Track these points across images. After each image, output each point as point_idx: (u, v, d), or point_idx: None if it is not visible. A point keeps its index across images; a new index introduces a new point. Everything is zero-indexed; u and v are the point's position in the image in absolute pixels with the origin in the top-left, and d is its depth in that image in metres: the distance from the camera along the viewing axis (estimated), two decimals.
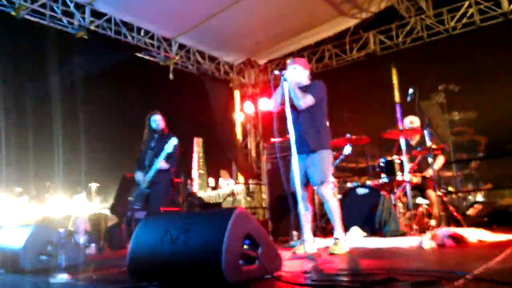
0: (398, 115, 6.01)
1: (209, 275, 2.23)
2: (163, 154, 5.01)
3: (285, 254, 3.52)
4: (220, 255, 2.17)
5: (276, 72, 3.92)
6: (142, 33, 8.51)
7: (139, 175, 5.25)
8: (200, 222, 2.49)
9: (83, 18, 7.50)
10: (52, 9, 7.17)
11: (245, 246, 2.40)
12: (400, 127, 5.05)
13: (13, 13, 6.71)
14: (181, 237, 2.45)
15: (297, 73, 4.03)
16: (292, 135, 3.74)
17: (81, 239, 6.20)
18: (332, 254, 3.64)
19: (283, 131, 4.33)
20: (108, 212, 8.88)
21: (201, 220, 2.53)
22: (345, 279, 2.33)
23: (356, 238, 4.60)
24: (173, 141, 4.97)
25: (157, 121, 5.31)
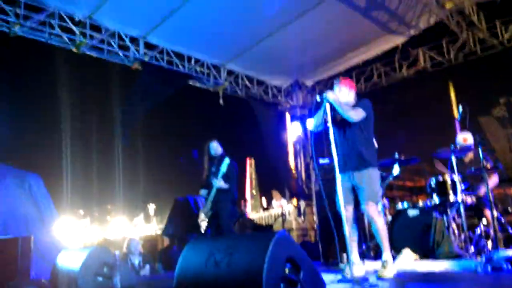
0: (458, 131, 5.85)
1: None
2: (220, 174, 5.43)
3: (333, 277, 3.50)
4: (261, 279, 2.22)
5: (318, 98, 3.90)
6: (192, 61, 8.88)
7: (203, 192, 5.70)
8: (243, 246, 2.55)
9: (137, 51, 7.96)
10: (109, 44, 7.68)
11: (287, 270, 2.44)
12: (451, 146, 4.90)
13: (74, 49, 7.26)
14: (225, 260, 2.53)
15: (342, 94, 4.04)
16: (335, 154, 3.71)
17: (136, 260, 6.44)
18: (380, 277, 3.56)
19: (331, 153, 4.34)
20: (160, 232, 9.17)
21: (244, 243, 2.60)
22: None
23: (407, 261, 4.47)
24: (226, 161, 5.42)
25: (215, 147, 5.76)
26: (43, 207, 6.55)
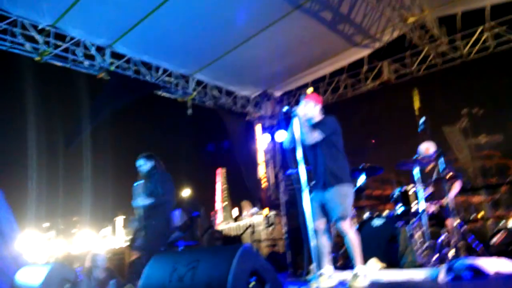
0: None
1: None
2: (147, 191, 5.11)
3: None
4: None
5: (285, 108, 4.00)
6: (160, 71, 8.80)
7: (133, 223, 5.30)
8: (207, 259, 2.53)
9: (104, 60, 7.83)
10: (74, 53, 7.52)
11: (252, 283, 2.43)
12: (414, 156, 5.03)
13: (37, 58, 7.07)
14: (188, 274, 2.49)
15: (308, 109, 4.11)
16: (303, 171, 3.77)
17: (101, 275, 6.26)
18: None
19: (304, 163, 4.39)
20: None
21: (208, 257, 2.57)
22: None
23: (373, 271, 4.53)
24: (156, 176, 5.16)
25: (141, 164, 5.33)
26: (3, 221, 6.30)
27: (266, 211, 10.90)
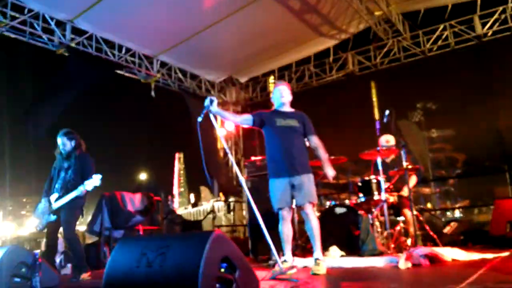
0: (378, 132, 6.13)
1: None
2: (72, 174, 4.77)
3: (264, 274, 3.53)
4: (197, 279, 2.18)
5: (200, 119, 4.05)
6: (123, 50, 8.51)
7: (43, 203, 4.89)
8: (177, 245, 2.49)
9: (64, 36, 7.48)
10: (32, 26, 7.14)
11: (222, 270, 2.41)
12: (377, 148, 5.15)
13: None
14: (158, 260, 2.45)
15: (287, 94, 4.30)
16: (273, 158, 3.81)
17: (57, 259, 6.07)
18: (315, 274, 3.68)
19: (263, 150, 4.43)
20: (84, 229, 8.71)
21: (178, 242, 2.53)
22: None
23: (334, 258, 4.64)
24: (77, 157, 4.82)
25: (63, 142, 4.96)
26: None
27: (226, 197, 10.89)
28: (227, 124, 10.96)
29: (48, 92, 7.70)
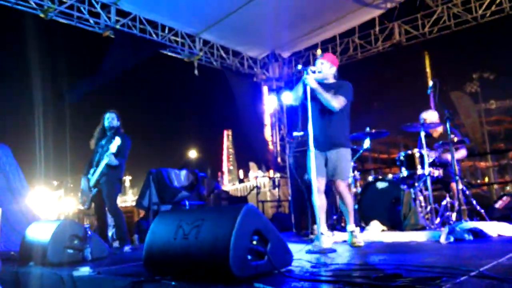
0: (432, 103, 5.95)
1: (218, 270, 2.31)
2: (110, 150, 4.94)
3: (302, 247, 3.58)
4: (228, 250, 2.25)
5: (300, 66, 3.98)
6: (166, 30, 8.67)
7: (87, 178, 5.23)
8: (211, 218, 2.56)
9: (109, 18, 7.72)
10: (79, 10, 7.41)
11: (254, 242, 2.47)
12: (421, 120, 4.99)
13: (41, 15, 6.98)
14: (193, 232, 2.54)
15: (324, 68, 4.07)
16: (311, 130, 3.75)
17: (110, 232, 6.42)
18: (353, 245, 3.71)
19: (306, 126, 4.39)
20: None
21: (212, 216, 2.61)
22: (351, 274, 2.37)
23: (375, 232, 4.61)
24: (118, 137, 4.95)
25: (111, 118, 5.29)
26: (12, 178, 6.42)
27: (271, 173, 10.99)
28: (271, 100, 10.96)
29: (100, 72, 7.99)
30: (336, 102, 3.88)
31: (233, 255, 2.25)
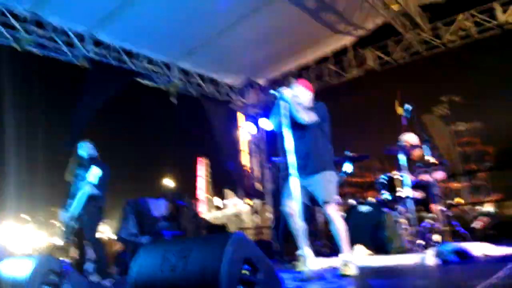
0: (403, 129, 6.03)
1: None
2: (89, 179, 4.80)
3: (289, 275, 3.50)
4: (219, 281, 2.18)
5: (272, 91, 3.93)
6: (142, 59, 8.64)
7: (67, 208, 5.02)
8: (198, 248, 2.49)
9: (85, 48, 7.65)
10: (54, 41, 7.32)
11: (244, 271, 2.40)
12: (402, 142, 5.06)
13: (16, 46, 6.86)
14: (180, 264, 2.46)
15: (299, 92, 4.05)
16: (291, 155, 3.69)
17: (88, 266, 6.17)
18: (343, 276, 3.55)
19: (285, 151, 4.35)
20: (112, 236, 8.87)
21: (199, 245, 2.53)
22: None
23: (360, 256, 4.58)
24: (95, 170, 4.75)
25: (85, 148, 5.25)
26: None
27: (251, 199, 10.91)
28: (248, 126, 10.98)
29: (73, 104, 7.87)
30: (306, 116, 3.82)
31: (224, 285, 2.18)
